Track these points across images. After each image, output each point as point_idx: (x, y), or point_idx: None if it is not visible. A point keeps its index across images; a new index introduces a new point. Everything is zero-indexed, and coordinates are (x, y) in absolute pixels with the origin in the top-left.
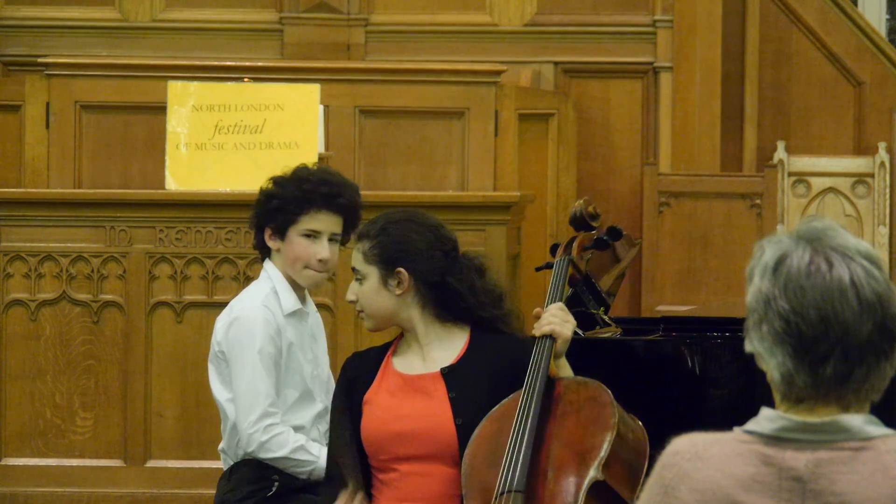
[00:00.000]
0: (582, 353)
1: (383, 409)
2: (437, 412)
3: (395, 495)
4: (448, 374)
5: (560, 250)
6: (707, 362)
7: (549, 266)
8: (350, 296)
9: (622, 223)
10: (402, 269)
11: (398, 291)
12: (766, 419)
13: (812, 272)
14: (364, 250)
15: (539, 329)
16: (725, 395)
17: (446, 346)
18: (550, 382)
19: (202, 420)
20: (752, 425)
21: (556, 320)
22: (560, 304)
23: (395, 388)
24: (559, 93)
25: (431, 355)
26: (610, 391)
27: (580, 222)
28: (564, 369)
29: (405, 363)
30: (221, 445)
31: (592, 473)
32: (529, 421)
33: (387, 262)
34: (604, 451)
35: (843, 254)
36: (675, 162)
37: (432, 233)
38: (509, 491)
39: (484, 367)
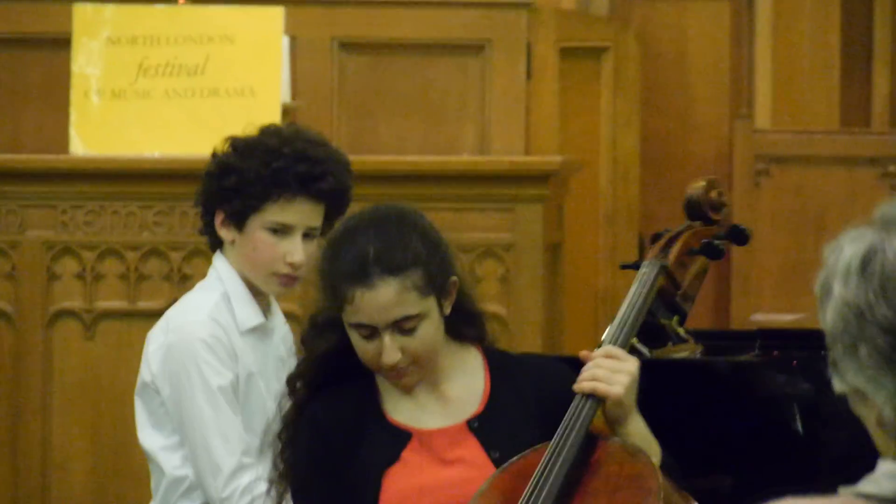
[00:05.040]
0: (649, 380)
1: (398, 486)
2: (479, 480)
3: None
4: (480, 427)
5: (653, 249)
6: (822, 393)
7: (636, 266)
8: (394, 355)
9: None
10: (455, 278)
11: (447, 310)
12: (888, 476)
13: None
14: (417, 284)
15: (578, 384)
16: (845, 440)
17: (463, 376)
18: (591, 439)
19: (121, 474)
20: (868, 485)
21: (602, 373)
22: (610, 349)
23: (407, 451)
24: (616, 18)
25: (447, 392)
26: (659, 473)
27: (696, 211)
28: (632, 436)
29: (406, 410)
30: None
31: None
32: (546, 490)
33: (442, 279)
34: None
35: None
36: (776, 115)
37: (428, 224)
38: None
39: (521, 407)
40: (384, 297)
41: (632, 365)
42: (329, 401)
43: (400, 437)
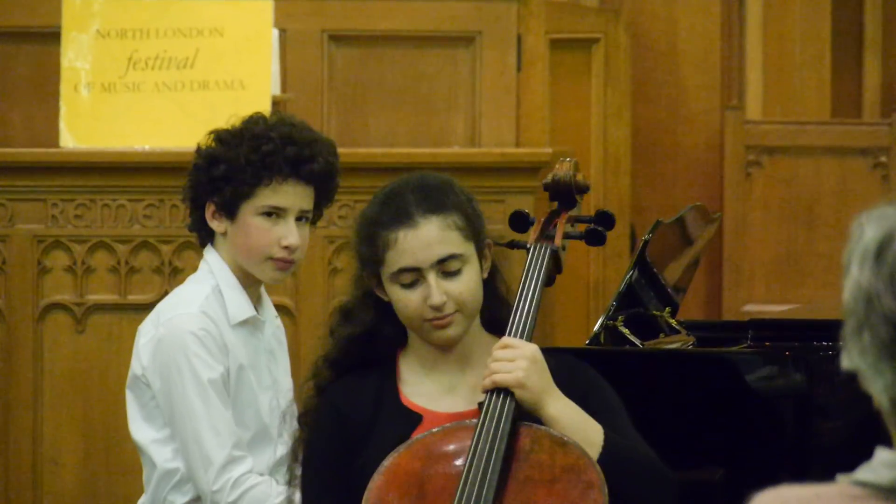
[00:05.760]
0: (640, 373)
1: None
2: None
3: None
4: None
5: (536, 232)
6: (814, 384)
7: (514, 245)
8: (440, 296)
9: (695, 191)
10: (490, 242)
11: (485, 273)
12: (885, 465)
13: None
14: (458, 224)
15: (482, 382)
16: (840, 430)
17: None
18: (512, 429)
19: (113, 468)
20: (865, 474)
21: (498, 364)
22: (505, 340)
23: (417, 433)
24: (606, 10)
25: (470, 380)
26: (596, 464)
27: (564, 192)
28: (558, 421)
29: (423, 393)
30: (142, 500)
31: None
32: (483, 493)
33: (479, 235)
34: None
35: None
36: (767, 105)
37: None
38: None
39: None
40: (427, 233)
41: (529, 350)
42: (349, 385)
43: (411, 419)
